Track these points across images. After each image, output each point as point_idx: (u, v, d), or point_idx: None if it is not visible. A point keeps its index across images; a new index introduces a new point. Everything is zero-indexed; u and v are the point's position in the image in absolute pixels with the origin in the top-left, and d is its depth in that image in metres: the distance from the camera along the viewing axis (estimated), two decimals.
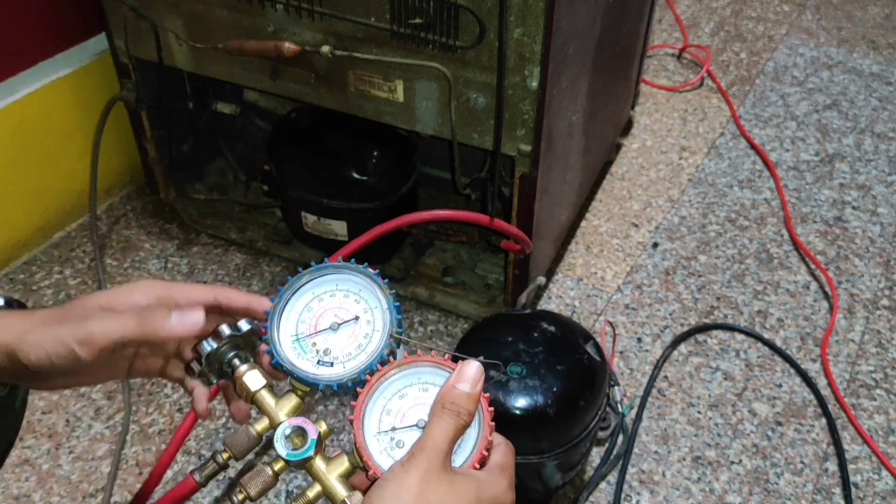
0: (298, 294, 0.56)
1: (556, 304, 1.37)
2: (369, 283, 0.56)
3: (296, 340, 0.55)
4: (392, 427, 0.52)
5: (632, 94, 1.66)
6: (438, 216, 1.12)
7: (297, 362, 0.54)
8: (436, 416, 0.49)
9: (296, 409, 0.55)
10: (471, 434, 0.51)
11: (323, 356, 0.55)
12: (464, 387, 0.50)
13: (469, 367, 0.51)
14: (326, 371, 0.54)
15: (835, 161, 1.70)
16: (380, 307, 0.56)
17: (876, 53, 2.04)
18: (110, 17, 1.25)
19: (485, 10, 0.96)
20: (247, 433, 0.55)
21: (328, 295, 0.56)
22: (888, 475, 1.12)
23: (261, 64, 1.16)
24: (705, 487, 1.11)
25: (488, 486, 0.49)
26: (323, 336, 0.55)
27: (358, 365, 0.54)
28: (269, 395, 0.56)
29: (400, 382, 0.53)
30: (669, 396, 1.22)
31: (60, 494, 1.09)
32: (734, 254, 1.47)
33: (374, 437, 0.52)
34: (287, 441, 0.52)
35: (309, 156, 1.29)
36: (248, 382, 0.56)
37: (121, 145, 1.51)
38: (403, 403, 0.53)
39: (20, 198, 1.40)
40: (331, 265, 0.56)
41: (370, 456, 0.51)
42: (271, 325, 0.55)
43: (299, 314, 0.56)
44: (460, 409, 0.50)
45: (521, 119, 1.04)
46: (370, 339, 0.55)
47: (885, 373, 1.26)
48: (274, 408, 0.55)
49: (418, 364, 0.53)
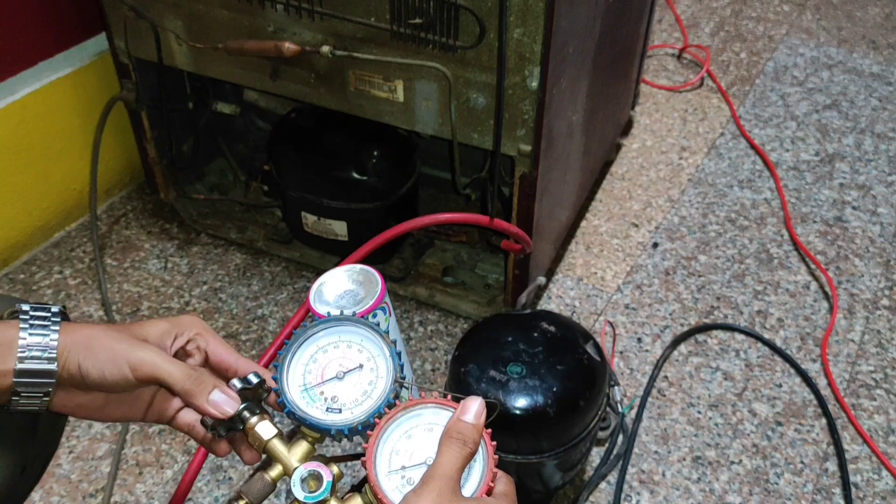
0: (304, 347, 0.60)
1: (556, 304, 1.37)
2: (371, 333, 0.60)
3: (304, 390, 0.58)
4: (402, 466, 0.55)
5: (632, 94, 1.66)
6: (438, 220, 1.12)
7: (308, 410, 0.57)
8: (444, 446, 0.53)
9: (307, 455, 0.58)
10: (476, 466, 0.55)
11: (331, 403, 0.58)
12: (469, 418, 0.54)
13: (472, 402, 0.55)
14: (336, 417, 0.57)
15: (835, 161, 1.70)
16: (382, 355, 0.59)
17: (876, 53, 2.04)
18: (110, 17, 1.26)
19: (485, 10, 0.96)
20: (262, 480, 0.57)
21: (332, 346, 0.60)
22: (888, 475, 1.12)
23: (261, 64, 1.16)
24: (705, 487, 1.11)
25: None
26: (330, 385, 0.58)
27: (365, 410, 0.57)
28: (281, 443, 0.58)
29: (407, 424, 0.56)
30: (669, 396, 1.22)
31: (60, 494, 1.09)
32: (734, 254, 1.47)
33: (386, 477, 0.54)
34: (304, 484, 0.55)
35: (309, 156, 1.29)
36: (261, 432, 0.58)
37: (121, 145, 1.51)
38: (411, 444, 0.56)
39: (20, 198, 1.40)
40: (333, 318, 0.60)
41: (385, 494, 0.54)
42: (281, 376, 0.58)
43: (305, 365, 0.59)
44: (466, 439, 0.53)
45: (521, 119, 1.04)
46: (375, 385, 0.58)
47: (885, 373, 1.26)
48: (287, 454, 0.58)
49: (422, 406, 0.57)
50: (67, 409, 0.58)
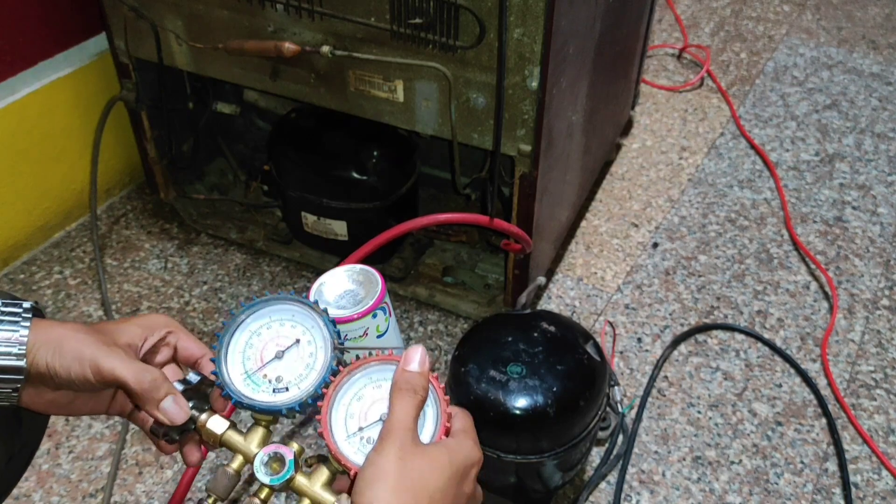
0: (237, 335, 0.59)
1: (556, 304, 1.37)
2: (300, 307, 0.59)
3: (247, 377, 0.58)
4: (359, 427, 0.55)
5: (632, 94, 1.66)
6: (437, 220, 1.12)
7: (255, 396, 0.57)
8: (394, 399, 0.54)
9: (265, 440, 0.58)
10: (429, 412, 0.56)
11: (277, 384, 0.58)
12: (413, 367, 0.55)
13: (413, 351, 0.56)
14: (284, 396, 0.57)
15: (835, 161, 1.70)
16: (316, 325, 0.59)
17: (876, 53, 2.04)
18: (110, 17, 1.26)
19: (485, 10, 0.96)
20: (225, 474, 0.57)
21: (265, 328, 0.60)
22: (888, 475, 1.12)
23: (261, 64, 1.16)
24: (705, 487, 1.11)
25: (458, 450, 0.54)
26: (271, 366, 0.58)
27: (311, 382, 0.57)
28: (236, 434, 0.58)
29: (355, 387, 0.57)
30: (669, 396, 1.22)
31: (60, 494, 1.09)
32: (734, 254, 1.47)
33: (346, 442, 0.55)
34: (267, 468, 0.55)
35: (309, 156, 1.29)
36: (213, 427, 0.58)
37: (121, 145, 1.51)
38: (363, 404, 0.56)
39: (20, 198, 1.40)
40: (260, 301, 0.60)
41: (347, 458, 0.54)
42: (221, 369, 0.58)
43: (242, 353, 0.59)
44: (415, 387, 0.54)
45: (521, 119, 1.04)
46: (315, 356, 0.58)
47: (885, 373, 1.26)
48: (244, 443, 0.58)
49: (366, 366, 0.57)
50: (37, 405, 0.59)
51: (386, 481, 0.49)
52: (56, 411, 0.60)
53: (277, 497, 1.09)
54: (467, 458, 0.54)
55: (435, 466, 0.51)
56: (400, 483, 0.49)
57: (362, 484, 0.50)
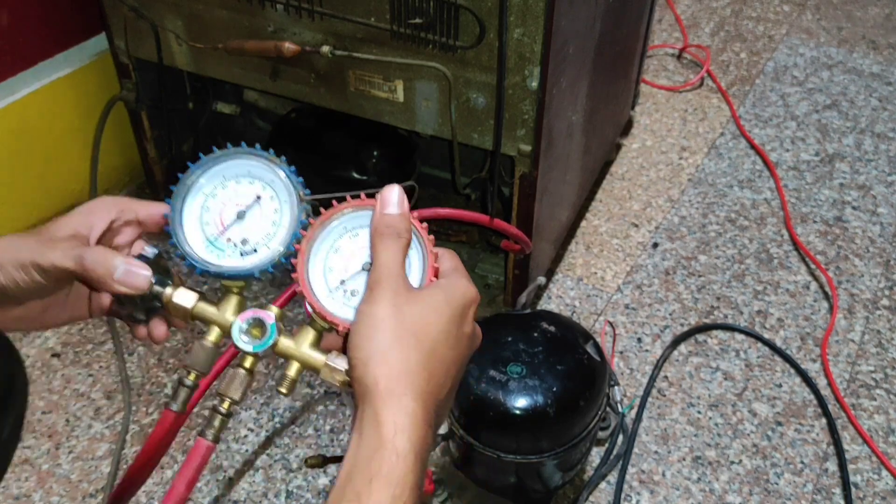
0: (190, 199, 0.54)
1: (556, 304, 1.37)
2: (255, 160, 0.54)
3: (210, 244, 0.54)
4: (340, 281, 0.52)
5: (632, 94, 1.66)
6: (439, 214, 1.12)
7: (222, 262, 0.53)
8: (377, 245, 0.50)
9: (239, 307, 0.54)
10: (415, 255, 0.52)
11: (243, 247, 0.53)
12: (392, 209, 0.51)
13: (389, 192, 0.52)
14: (254, 258, 0.53)
15: (835, 161, 1.70)
16: (276, 177, 0.54)
17: (876, 53, 2.04)
18: (110, 17, 1.26)
19: (485, 10, 0.96)
20: (203, 348, 0.53)
21: (219, 188, 0.54)
22: (888, 475, 1.12)
23: (261, 64, 1.16)
24: (705, 487, 1.11)
25: (453, 289, 0.51)
26: (234, 229, 0.54)
27: (281, 240, 0.53)
28: (208, 305, 0.54)
29: (330, 238, 0.53)
30: (669, 396, 1.22)
31: (60, 494, 1.09)
32: (734, 254, 1.47)
33: (329, 297, 0.51)
34: (247, 336, 0.52)
35: (309, 156, 1.29)
36: (181, 301, 0.54)
37: (121, 145, 1.51)
38: (341, 256, 0.52)
39: (20, 197, 1.40)
40: (208, 158, 0.54)
41: (332, 314, 0.51)
42: (178, 239, 0.53)
43: (199, 218, 0.54)
44: (397, 229, 0.50)
45: (521, 119, 1.04)
46: (281, 211, 0.54)
47: (885, 373, 1.26)
48: (218, 313, 0.53)
49: (340, 214, 0.53)
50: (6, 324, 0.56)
51: (384, 330, 0.47)
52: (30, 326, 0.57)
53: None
54: (464, 297, 0.51)
55: (433, 309, 0.48)
56: (399, 329, 0.47)
57: (358, 338, 0.47)
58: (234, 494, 1.09)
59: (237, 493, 1.09)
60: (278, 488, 1.10)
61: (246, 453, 1.14)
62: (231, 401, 0.53)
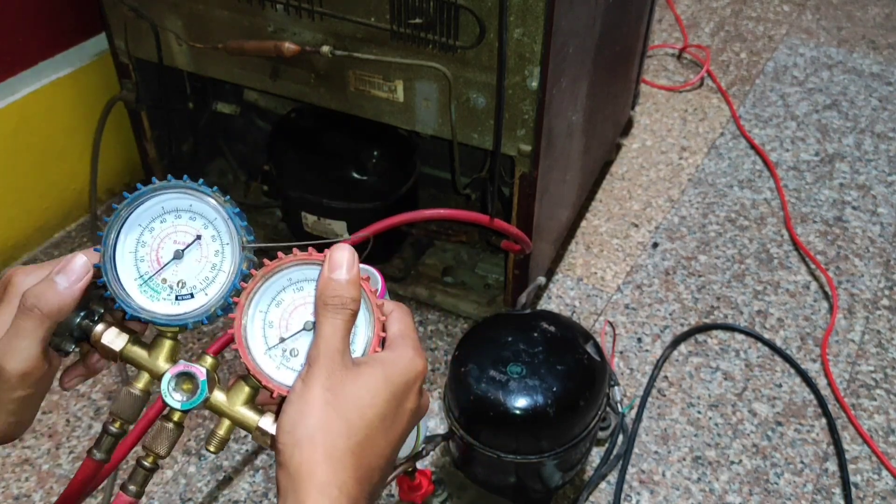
0: (125, 231, 0.50)
1: (556, 304, 1.37)
2: (196, 196, 0.50)
3: (143, 283, 0.49)
4: (280, 339, 0.49)
5: (632, 94, 1.66)
6: (439, 215, 1.12)
7: (154, 307, 0.49)
8: (321, 316, 0.46)
9: (172, 353, 0.50)
10: (362, 322, 0.48)
11: (179, 290, 0.49)
12: (340, 275, 0.47)
13: (339, 253, 0.48)
14: (189, 305, 0.49)
15: (835, 161, 1.70)
16: (220, 217, 0.50)
17: (876, 53, 2.04)
18: (110, 17, 1.25)
19: (485, 10, 0.96)
20: (130, 395, 0.50)
21: (158, 221, 0.50)
22: (888, 475, 1.12)
23: (261, 64, 1.16)
24: (705, 487, 1.11)
25: (395, 363, 0.47)
26: (170, 269, 0.50)
27: (219, 287, 0.49)
28: (139, 348, 0.50)
29: (271, 290, 0.49)
30: (669, 396, 1.22)
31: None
32: (734, 254, 1.47)
33: (266, 356, 0.49)
34: (176, 391, 0.48)
35: (309, 156, 1.29)
36: (110, 343, 0.50)
37: (121, 145, 1.51)
38: (283, 311, 0.49)
39: (20, 197, 1.40)
40: (147, 189, 0.50)
41: (268, 378, 0.48)
42: (108, 277, 0.49)
43: (134, 253, 0.50)
44: (344, 300, 0.47)
45: (521, 119, 1.04)
46: (222, 254, 0.50)
47: (885, 373, 1.26)
48: (148, 359, 0.50)
49: (283, 267, 0.49)
50: None
51: (314, 416, 0.44)
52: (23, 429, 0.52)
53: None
54: (406, 372, 0.47)
55: (370, 390, 0.45)
56: (331, 414, 0.44)
57: (287, 420, 0.44)
58: (234, 494, 1.09)
59: (237, 493, 1.09)
60: (267, 486, 1.09)
61: (246, 453, 1.14)
62: (156, 455, 0.50)
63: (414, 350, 0.48)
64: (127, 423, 0.50)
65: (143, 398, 0.50)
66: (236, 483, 1.10)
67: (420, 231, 1.37)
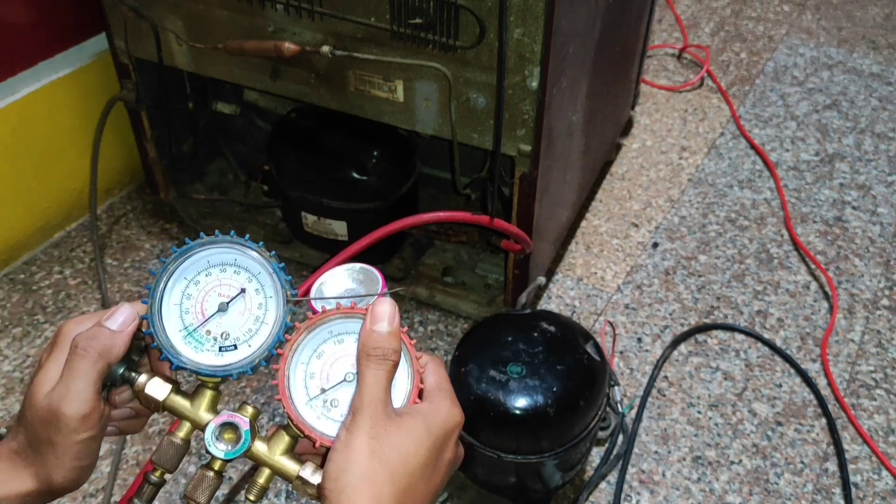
0: (172, 283, 0.51)
1: (556, 304, 1.37)
2: (241, 250, 0.52)
3: (188, 334, 0.51)
4: (321, 389, 0.50)
5: (632, 94, 1.66)
6: (438, 218, 1.12)
7: (199, 358, 0.51)
8: (364, 368, 0.48)
9: (213, 403, 0.52)
10: (402, 374, 0.50)
11: (223, 341, 0.51)
12: (382, 327, 0.49)
13: (381, 306, 0.50)
14: (233, 356, 0.51)
15: (835, 161, 1.70)
16: (264, 271, 0.52)
17: (876, 53, 2.04)
18: (110, 17, 1.25)
19: (485, 10, 0.96)
20: (172, 445, 0.52)
21: (204, 275, 0.52)
22: (888, 475, 1.12)
23: (261, 64, 1.16)
24: (705, 487, 1.11)
25: (434, 415, 0.49)
26: (214, 321, 0.51)
27: (263, 340, 0.51)
28: (181, 398, 0.52)
29: (313, 343, 0.51)
30: (669, 396, 1.22)
31: None
32: (734, 254, 1.47)
33: (307, 406, 0.50)
34: (220, 441, 0.50)
35: (309, 156, 1.29)
36: (153, 393, 0.51)
37: (121, 145, 1.51)
38: (324, 363, 0.51)
39: (20, 197, 1.40)
40: (195, 244, 0.52)
41: (310, 427, 0.49)
42: (155, 328, 0.50)
43: (179, 305, 0.51)
44: (385, 352, 0.49)
45: (521, 119, 1.04)
46: (265, 307, 0.51)
47: (885, 373, 1.26)
48: (191, 409, 0.52)
49: (326, 320, 0.51)
50: None
51: (360, 463, 0.45)
52: None
53: (278, 497, 1.09)
54: (446, 424, 0.49)
55: (412, 438, 0.47)
56: (375, 463, 0.46)
57: (334, 468, 0.46)
58: (235, 494, 1.09)
59: (237, 493, 1.09)
60: (278, 488, 1.10)
61: None
62: None
63: (451, 402, 0.51)
64: (168, 472, 0.52)
65: (183, 447, 0.52)
66: (236, 482, 1.10)
67: (420, 231, 1.37)
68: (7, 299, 1.36)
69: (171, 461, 0.52)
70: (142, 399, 0.52)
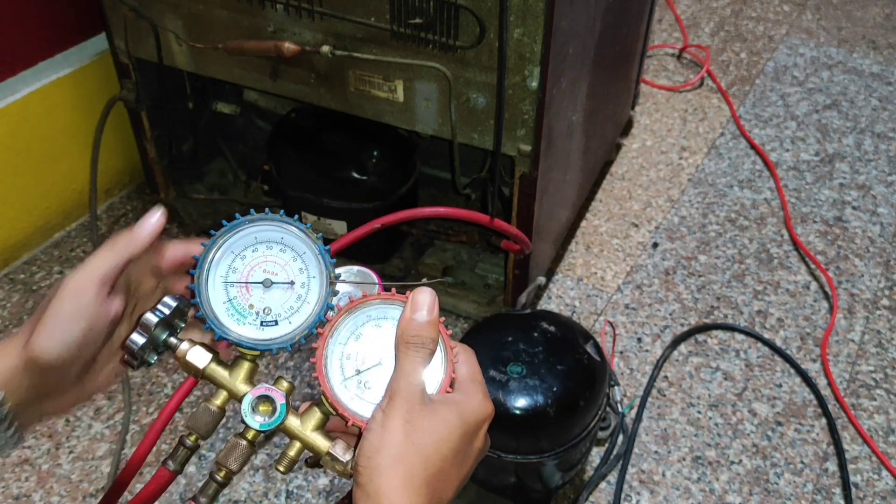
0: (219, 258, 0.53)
1: (556, 304, 1.37)
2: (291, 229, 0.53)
3: (231, 307, 0.52)
4: (357, 371, 0.51)
5: (632, 94, 1.66)
6: (438, 213, 1.12)
7: (241, 330, 0.52)
8: (402, 353, 0.50)
9: (251, 375, 0.53)
10: (437, 362, 0.52)
11: (265, 316, 0.52)
12: (421, 316, 0.51)
13: (422, 295, 0.51)
14: (273, 332, 0.52)
15: (835, 161, 1.70)
16: (309, 252, 0.53)
17: (876, 53, 2.04)
18: (110, 17, 1.25)
19: (485, 10, 0.96)
20: (208, 411, 0.52)
21: (251, 250, 0.53)
22: (888, 475, 1.12)
23: (261, 64, 1.16)
24: (705, 487, 1.11)
25: (467, 404, 0.50)
26: (258, 295, 0.53)
27: (304, 318, 0.52)
28: (221, 368, 0.53)
29: (352, 325, 0.52)
30: (669, 396, 1.22)
31: (60, 494, 1.09)
32: (734, 254, 1.47)
33: (342, 385, 0.51)
34: (255, 412, 0.51)
35: (309, 156, 1.29)
36: (194, 360, 0.53)
37: (121, 145, 1.51)
38: (361, 345, 0.52)
39: (20, 197, 1.40)
40: (245, 219, 0.53)
41: (344, 406, 0.51)
42: (201, 298, 0.52)
43: (225, 278, 0.53)
44: (424, 340, 0.50)
45: (521, 119, 1.04)
46: (308, 287, 0.53)
47: (885, 373, 1.26)
48: (229, 379, 0.53)
49: (367, 304, 0.52)
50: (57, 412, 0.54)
51: (394, 445, 0.47)
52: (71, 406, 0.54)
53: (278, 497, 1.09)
54: (477, 414, 0.51)
55: (446, 425, 0.48)
56: (408, 446, 0.47)
57: (368, 446, 0.47)
58: (234, 494, 1.09)
59: (237, 493, 1.09)
60: (278, 488, 1.10)
61: None
62: (228, 471, 0.52)
63: (483, 394, 0.52)
64: (202, 438, 0.53)
65: (219, 415, 0.53)
66: (236, 483, 1.10)
67: (420, 231, 1.37)
68: (7, 299, 1.36)
69: (205, 427, 0.52)
70: (182, 365, 0.53)
